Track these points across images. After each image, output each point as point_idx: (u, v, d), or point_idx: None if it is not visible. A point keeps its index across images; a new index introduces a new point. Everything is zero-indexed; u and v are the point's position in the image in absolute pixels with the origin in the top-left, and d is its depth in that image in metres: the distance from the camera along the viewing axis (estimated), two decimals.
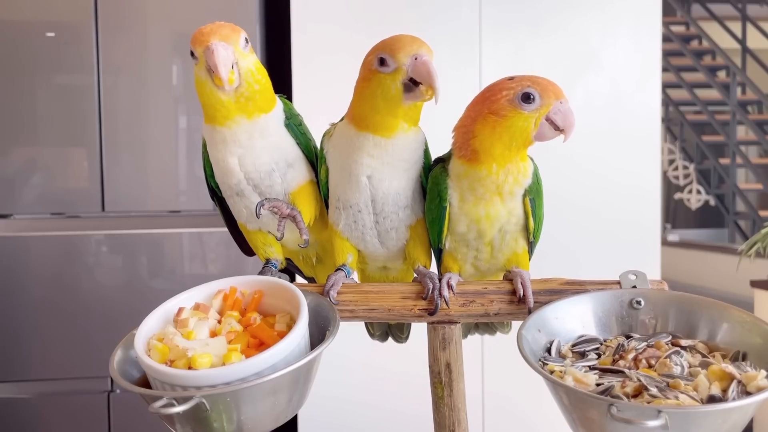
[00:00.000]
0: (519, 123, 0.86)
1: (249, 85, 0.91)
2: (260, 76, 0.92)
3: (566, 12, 2.42)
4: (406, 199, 0.97)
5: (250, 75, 0.90)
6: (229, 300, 0.89)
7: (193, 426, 0.76)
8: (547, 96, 0.85)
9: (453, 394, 0.98)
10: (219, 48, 0.86)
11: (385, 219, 0.98)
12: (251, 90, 0.91)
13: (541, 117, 0.86)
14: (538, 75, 0.88)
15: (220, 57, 0.85)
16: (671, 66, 6.25)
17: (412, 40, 0.87)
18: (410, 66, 0.86)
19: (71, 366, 2.33)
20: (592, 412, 0.70)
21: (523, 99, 0.85)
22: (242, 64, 0.89)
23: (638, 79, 2.46)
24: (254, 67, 0.91)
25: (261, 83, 0.92)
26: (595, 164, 2.43)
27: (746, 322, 0.81)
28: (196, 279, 2.04)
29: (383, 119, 0.91)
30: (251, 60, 0.91)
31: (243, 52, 0.89)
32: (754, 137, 5.97)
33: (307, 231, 0.98)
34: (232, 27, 0.89)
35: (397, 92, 0.88)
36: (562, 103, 0.86)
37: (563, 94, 0.86)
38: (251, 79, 0.91)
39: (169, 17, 2.35)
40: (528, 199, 0.94)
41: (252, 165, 0.96)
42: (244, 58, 0.90)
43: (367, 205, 0.96)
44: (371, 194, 0.96)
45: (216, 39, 0.87)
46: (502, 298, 0.94)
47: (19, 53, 2.29)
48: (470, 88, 2.34)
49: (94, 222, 2.34)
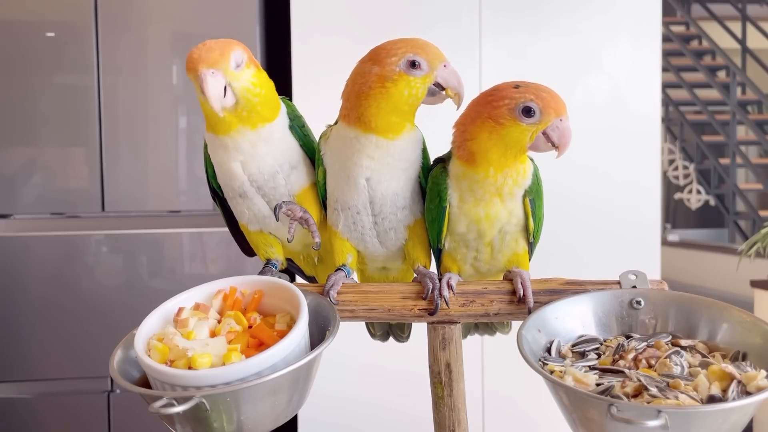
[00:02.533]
0: (515, 134, 0.87)
1: (247, 101, 0.90)
2: (259, 90, 0.91)
3: (566, 13, 2.42)
4: (404, 200, 0.97)
5: (247, 92, 0.89)
6: (229, 300, 0.89)
7: (193, 426, 0.76)
8: (547, 113, 0.86)
9: (453, 394, 0.98)
10: (208, 78, 0.85)
11: (383, 220, 0.98)
12: (250, 105, 0.90)
13: (539, 131, 0.87)
14: (544, 86, 0.88)
15: (209, 88, 0.85)
16: (671, 66, 6.25)
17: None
18: (440, 72, 0.90)
19: (71, 366, 2.33)
20: (592, 412, 0.70)
21: (523, 111, 0.86)
22: (236, 85, 0.88)
23: (638, 79, 2.46)
24: (251, 83, 0.90)
25: (261, 96, 0.91)
26: (595, 164, 2.43)
27: (746, 322, 0.81)
28: (196, 279, 2.04)
29: (396, 120, 0.92)
30: (247, 76, 0.89)
31: (235, 73, 0.87)
32: (754, 137, 5.97)
33: (318, 234, 0.98)
34: (221, 48, 0.87)
35: (422, 95, 0.91)
36: (562, 121, 0.87)
37: (565, 111, 0.87)
38: (249, 96, 0.90)
39: (169, 17, 2.35)
40: (528, 199, 0.94)
41: (256, 169, 0.96)
42: (237, 79, 0.88)
43: (366, 206, 0.97)
44: (370, 196, 0.96)
45: (204, 67, 0.85)
46: (502, 298, 0.94)
47: (19, 53, 2.29)
48: (470, 89, 2.33)
49: (94, 222, 2.34)
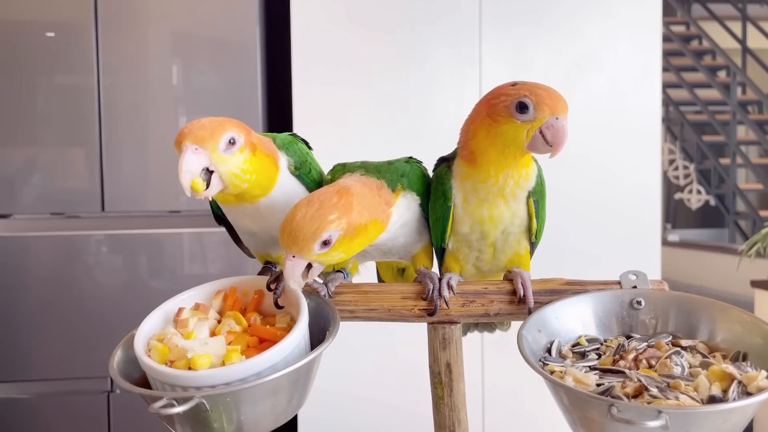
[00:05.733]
0: (511, 131, 0.85)
1: (235, 186, 0.85)
2: (249, 176, 0.85)
3: (566, 12, 2.42)
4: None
5: (236, 178, 0.84)
6: (229, 300, 0.89)
7: (193, 426, 0.76)
8: (541, 109, 0.83)
9: (453, 394, 0.98)
10: (187, 153, 0.80)
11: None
12: (239, 189, 0.86)
13: (535, 129, 0.84)
14: (543, 85, 0.86)
15: (183, 162, 0.79)
16: (671, 66, 6.25)
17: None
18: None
19: (71, 366, 2.33)
20: (592, 412, 0.70)
21: (518, 108, 0.84)
22: (222, 169, 0.82)
23: (638, 79, 2.46)
24: (239, 169, 0.84)
25: (251, 181, 0.86)
26: (596, 164, 2.43)
27: (746, 322, 0.81)
28: (196, 279, 2.04)
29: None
30: (236, 161, 0.83)
31: (222, 155, 0.82)
32: (754, 137, 5.97)
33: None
34: (213, 128, 0.82)
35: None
36: (558, 119, 0.83)
37: (561, 109, 0.84)
38: (237, 182, 0.84)
39: (169, 17, 2.35)
40: (532, 200, 0.93)
41: (265, 223, 0.94)
42: (225, 162, 0.82)
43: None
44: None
45: (188, 141, 0.80)
46: (503, 298, 0.94)
47: (19, 53, 2.29)
48: (470, 88, 2.34)
49: (94, 222, 2.34)
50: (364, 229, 0.82)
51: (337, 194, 0.80)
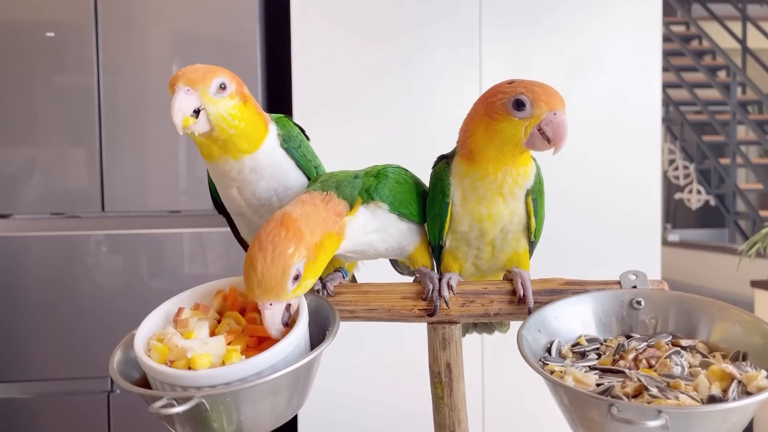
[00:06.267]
0: (508, 129, 0.85)
1: (223, 130, 0.88)
2: (238, 122, 0.88)
3: (566, 12, 2.42)
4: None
5: (223, 121, 0.87)
6: (229, 300, 0.89)
7: (193, 426, 0.76)
8: (538, 105, 0.83)
9: (453, 394, 0.98)
10: (180, 93, 0.84)
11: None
12: (226, 135, 0.88)
13: (532, 126, 0.84)
14: (539, 82, 0.86)
15: (175, 101, 0.83)
16: (671, 66, 6.25)
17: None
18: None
19: (71, 366, 2.33)
20: (592, 412, 0.70)
21: (515, 105, 0.84)
22: (211, 110, 0.86)
23: (638, 79, 2.46)
24: (228, 113, 0.87)
25: (238, 128, 0.89)
26: (595, 164, 2.43)
27: (746, 322, 0.81)
28: (196, 279, 2.04)
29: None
30: (226, 105, 0.87)
31: (212, 98, 0.86)
32: (754, 137, 5.97)
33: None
34: (206, 71, 0.86)
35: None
36: (556, 115, 0.83)
37: (558, 105, 0.84)
38: (224, 125, 0.87)
39: (169, 17, 2.35)
40: (530, 199, 0.93)
41: (251, 194, 0.96)
42: (214, 104, 0.86)
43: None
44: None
45: (181, 83, 0.84)
46: (502, 298, 0.94)
47: (19, 53, 2.29)
48: (470, 88, 2.34)
49: (94, 222, 2.34)
50: (322, 247, 0.82)
51: (282, 227, 0.79)
